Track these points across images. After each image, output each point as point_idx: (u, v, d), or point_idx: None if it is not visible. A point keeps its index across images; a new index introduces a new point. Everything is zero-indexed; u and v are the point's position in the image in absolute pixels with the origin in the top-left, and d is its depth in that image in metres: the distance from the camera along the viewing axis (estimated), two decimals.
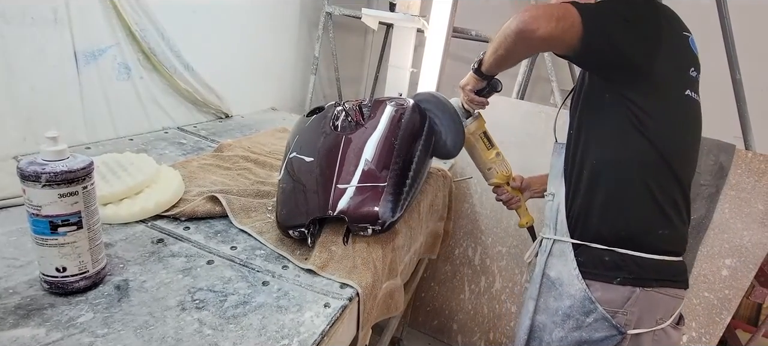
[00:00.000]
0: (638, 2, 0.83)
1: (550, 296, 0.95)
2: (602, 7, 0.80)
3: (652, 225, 0.85)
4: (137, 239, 0.80)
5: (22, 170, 0.56)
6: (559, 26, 0.75)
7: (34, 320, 0.58)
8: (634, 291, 0.84)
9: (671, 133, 0.84)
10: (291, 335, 0.63)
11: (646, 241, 0.85)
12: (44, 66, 1.02)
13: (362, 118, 1.08)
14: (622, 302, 0.85)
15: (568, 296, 0.90)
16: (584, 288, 0.87)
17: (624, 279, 0.84)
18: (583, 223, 0.90)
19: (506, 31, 0.81)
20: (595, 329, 0.86)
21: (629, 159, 0.84)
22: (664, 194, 0.85)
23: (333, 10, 2.03)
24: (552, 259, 0.95)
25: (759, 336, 1.93)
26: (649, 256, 0.85)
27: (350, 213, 0.85)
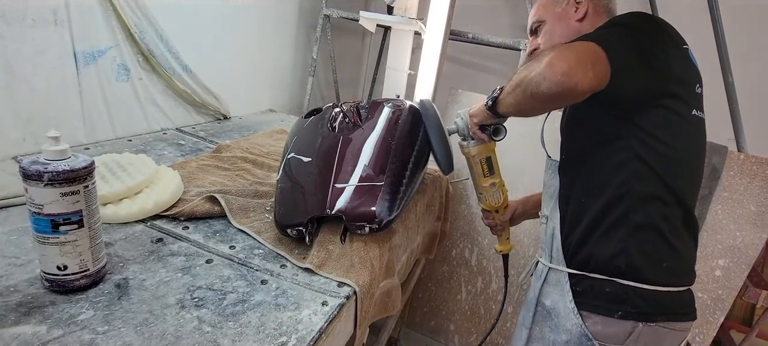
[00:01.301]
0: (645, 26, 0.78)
1: (545, 326, 0.89)
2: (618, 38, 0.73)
3: (657, 257, 0.78)
4: (137, 238, 0.81)
5: (25, 169, 0.57)
6: (597, 74, 0.66)
7: (35, 317, 0.58)
8: (637, 326, 0.77)
9: (677, 161, 0.79)
10: (289, 333, 0.64)
11: (650, 273, 0.78)
12: (44, 67, 1.02)
13: (360, 119, 1.09)
14: (624, 338, 0.78)
15: (564, 331, 0.83)
16: (581, 324, 0.81)
17: (626, 313, 0.77)
18: (580, 252, 0.83)
19: (532, 88, 0.69)
20: None
21: (632, 189, 0.77)
22: (670, 224, 0.78)
23: (331, 13, 2.04)
24: (547, 287, 0.89)
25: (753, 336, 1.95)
26: (653, 288, 0.77)
27: (348, 212, 0.86)
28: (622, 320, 0.77)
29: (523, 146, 1.77)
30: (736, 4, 1.76)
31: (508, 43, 1.90)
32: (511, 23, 2.32)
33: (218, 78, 1.56)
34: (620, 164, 0.78)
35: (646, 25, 0.78)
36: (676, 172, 0.78)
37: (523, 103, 0.76)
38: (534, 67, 0.70)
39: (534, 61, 0.72)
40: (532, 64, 0.71)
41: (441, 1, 1.72)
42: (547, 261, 0.90)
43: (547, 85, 0.66)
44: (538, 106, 0.75)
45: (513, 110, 0.82)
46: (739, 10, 1.77)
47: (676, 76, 0.75)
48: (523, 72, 0.74)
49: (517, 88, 0.75)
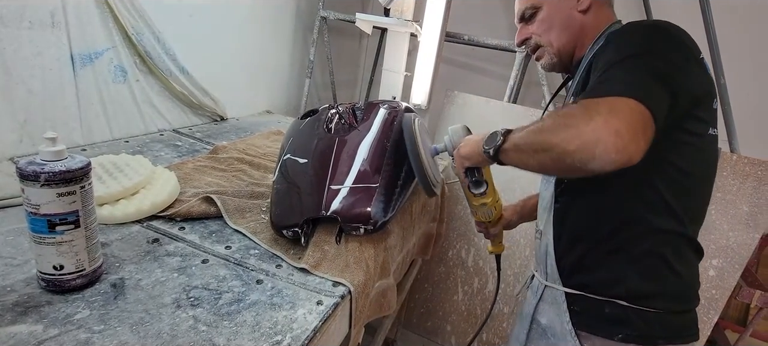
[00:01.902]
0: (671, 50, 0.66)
1: (541, 343, 0.86)
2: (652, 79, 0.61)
3: (660, 283, 0.73)
4: (133, 238, 0.81)
5: (22, 170, 0.57)
6: (648, 141, 0.56)
7: (31, 316, 0.59)
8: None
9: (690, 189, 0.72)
10: (284, 332, 0.65)
11: (653, 297, 0.73)
12: (41, 69, 1.03)
13: (355, 120, 1.10)
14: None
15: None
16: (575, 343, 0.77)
17: (627, 336, 0.73)
18: (576, 273, 0.79)
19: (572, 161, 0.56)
20: None
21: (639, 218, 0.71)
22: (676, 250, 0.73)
23: (328, 15, 2.06)
24: (543, 305, 0.85)
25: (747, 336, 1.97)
26: (656, 311, 0.72)
27: (343, 213, 0.87)
28: (622, 343, 0.73)
29: None
30: (729, 5, 1.78)
31: (504, 44, 1.91)
32: (507, 25, 2.34)
33: (215, 79, 1.57)
34: (629, 191, 0.71)
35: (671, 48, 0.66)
36: (687, 200, 0.72)
37: (548, 169, 0.66)
38: (571, 135, 0.56)
39: (563, 119, 0.58)
40: (563, 129, 0.57)
41: (437, 3, 1.73)
42: (543, 278, 0.86)
43: (598, 164, 0.54)
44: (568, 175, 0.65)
45: (523, 167, 0.69)
46: (731, 11, 1.79)
47: (697, 98, 0.67)
48: (549, 135, 0.59)
49: (542, 153, 0.61)
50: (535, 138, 0.63)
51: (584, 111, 0.57)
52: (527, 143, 0.65)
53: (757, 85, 1.87)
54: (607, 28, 0.80)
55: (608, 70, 0.63)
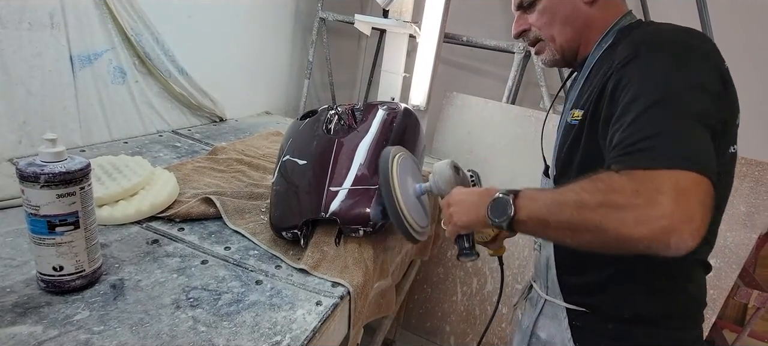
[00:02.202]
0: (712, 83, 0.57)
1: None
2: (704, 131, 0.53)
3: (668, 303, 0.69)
4: (132, 239, 0.81)
5: (22, 171, 0.57)
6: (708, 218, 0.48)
7: (31, 317, 0.59)
8: None
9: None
10: (283, 332, 0.65)
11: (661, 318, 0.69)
12: (40, 70, 1.03)
13: (355, 121, 1.10)
14: None
15: None
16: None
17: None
18: (581, 289, 0.74)
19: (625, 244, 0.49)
20: None
21: None
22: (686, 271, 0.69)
23: (327, 16, 2.06)
24: (544, 319, 0.81)
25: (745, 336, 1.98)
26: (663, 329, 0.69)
27: (342, 215, 0.87)
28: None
29: (517, 149, 1.79)
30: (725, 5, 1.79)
31: (503, 45, 1.92)
32: (506, 26, 2.35)
33: (214, 80, 1.57)
34: None
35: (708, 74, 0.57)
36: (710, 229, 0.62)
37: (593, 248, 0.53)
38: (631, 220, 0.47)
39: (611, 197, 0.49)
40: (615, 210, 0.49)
41: (435, 4, 1.74)
42: (543, 292, 0.82)
43: (671, 253, 0.47)
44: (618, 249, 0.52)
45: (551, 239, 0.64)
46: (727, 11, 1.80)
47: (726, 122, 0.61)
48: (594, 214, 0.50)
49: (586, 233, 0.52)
50: (572, 216, 0.52)
51: (640, 189, 0.48)
52: (558, 219, 0.54)
53: (754, 85, 1.87)
54: (616, 22, 0.72)
55: (649, 118, 0.53)
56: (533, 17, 0.76)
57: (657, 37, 0.62)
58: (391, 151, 0.85)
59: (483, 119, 1.87)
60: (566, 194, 0.54)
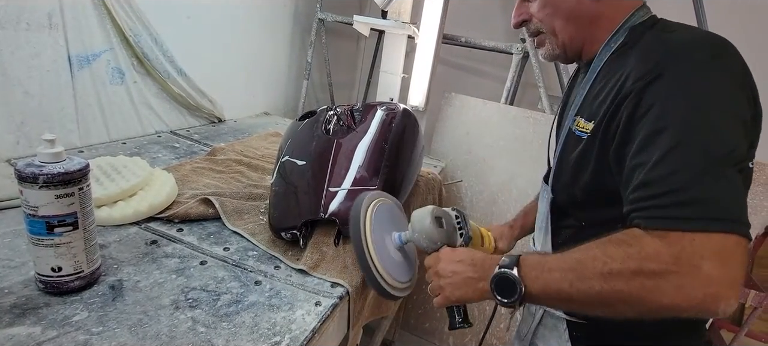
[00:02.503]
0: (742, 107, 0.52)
1: None
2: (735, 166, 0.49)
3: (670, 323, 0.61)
4: (131, 240, 0.81)
5: (20, 172, 0.57)
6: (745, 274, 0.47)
7: (29, 318, 0.59)
8: None
9: None
10: (283, 332, 0.65)
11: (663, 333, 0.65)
12: (38, 70, 1.03)
13: (354, 122, 1.10)
14: None
15: None
16: None
17: None
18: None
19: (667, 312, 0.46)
20: None
21: None
22: None
23: (325, 17, 2.06)
24: (543, 329, 0.78)
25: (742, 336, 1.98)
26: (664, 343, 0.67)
27: (341, 215, 0.87)
28: None
29: (515, 149, 1.80)
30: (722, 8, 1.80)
31: (501, 46, 1.93)
32: (505, 27, 2.35)
33: (213, 81, 1.57)
34: None
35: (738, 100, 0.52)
36: None
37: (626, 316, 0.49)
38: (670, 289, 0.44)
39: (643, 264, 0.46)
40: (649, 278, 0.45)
41: (434, 5, 1.74)
42: None
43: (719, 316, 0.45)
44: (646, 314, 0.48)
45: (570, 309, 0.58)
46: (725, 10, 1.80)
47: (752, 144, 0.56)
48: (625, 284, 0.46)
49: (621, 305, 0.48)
50: (602, 287, 0.47)
51: (680, 255, 0.44)
52: (587, 294, 0.49)
53: None
54: (628, 18, 0.64)
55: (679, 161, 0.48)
56: (535, 7, 0.69)
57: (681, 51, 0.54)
58: (365, 200, 0.75)
59: (481, 120, 1.87)
60: (588, 262, 0.49)
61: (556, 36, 0.69)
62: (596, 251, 0.49)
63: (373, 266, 0.69)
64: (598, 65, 0.66)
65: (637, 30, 0.63)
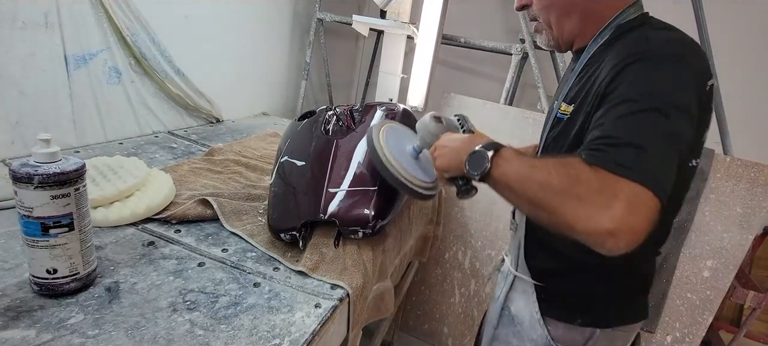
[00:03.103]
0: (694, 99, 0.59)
1: (510, 332, 0.88)
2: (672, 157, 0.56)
3: (622, 285, 0.78)
4: (128, 241, 0.80)
5: (15, 172, 0.56)
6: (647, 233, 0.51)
7: (24, 321, 0.58)
8: (595, 332, 0.79)
9: (666, 220, 0.75)
10: (282, 335, 0.64)
11: (613, 294, 0.78)
12: (34, 70, 1.02)
13: (353, 122, 1.09)
14: (583, 342, 0.80)
15: (529, 340, 0.84)
16: (546, 335, 0.81)
17: (585, 321, 0.79)
18: (547, 271, 0.82)
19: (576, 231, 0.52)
20: None
21: None
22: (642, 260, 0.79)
23: (324, 17, 2.05)
24: (514, 293, 0.88)
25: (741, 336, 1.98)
26: (614, 301, 0.79)
27: (341, 216, 0.86)
28: (581, 327, 0.79)
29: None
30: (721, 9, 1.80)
31: (500, 47, 1.92)
32: (504, 28, 2.35)
33: (211, 81, 1.56)
34: None
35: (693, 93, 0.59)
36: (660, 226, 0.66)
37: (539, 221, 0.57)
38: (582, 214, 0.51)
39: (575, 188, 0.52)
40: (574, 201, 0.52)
41: (433, 5, 1.74)
42: (514, 267, 0.88)
43: (603, 250, 0.51)
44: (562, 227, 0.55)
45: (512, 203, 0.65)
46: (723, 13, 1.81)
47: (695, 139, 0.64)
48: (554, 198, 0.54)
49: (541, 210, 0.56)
50: (536, 191, 0.56)
51: (603, 188, 0.51)
52: (523, 190, 0.58)
53: (751, 86, 1.89)
54: (617, 15, 0.70)
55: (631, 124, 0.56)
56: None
57: (655, 47, 0.62)
58: (375, 126, 0.88)
59: (481, 120, 1.86)
60: (537, 170, 0.57)
61: (551, 28, 0.76)
62: (547, 165, 0.57)
63: (401, 174, 0.81)
64: (585, 58, 0.72)
65: (624, 27, 0.69)
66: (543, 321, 0.81)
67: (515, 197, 0.60)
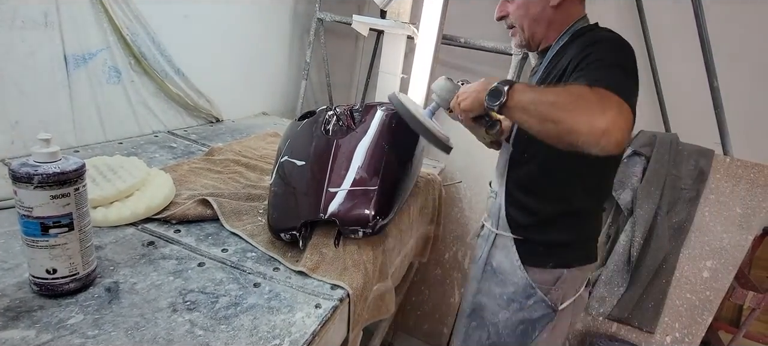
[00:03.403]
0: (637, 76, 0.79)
1: (492, 282, 1.07)
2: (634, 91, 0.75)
3: (583, 228, 1.01)
4: (127, 241, 0.80)
5: (15, 172, 0.56)
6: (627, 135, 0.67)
7: (23, 322, 0.57)
8: (562, 272, 0.99)
9: (606, 179, 1.01)
10: (282, 335, 0.64)
11: (574, 237, 1.00)
12: (34, 69, 1.01)
13: (353, 122, 1.09)
14: (554, 282, 1.00)
15: (511, 284, 1.02)
16: (526, 276, 1.00)
17: (555, 264, 0.99)
18: (522, 225, 1.01)
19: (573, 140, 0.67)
20: (535, 310, 1.01)
21: (573, 187, 0.95)
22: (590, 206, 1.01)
23: (324, 17, 2.05)
24: (495, 250, 1.06)
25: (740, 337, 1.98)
26: (573, 247, 1.01)
27: (341, 216, 0.86)
28: (552, 269, 1.00)
29: None
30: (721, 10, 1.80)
31: (500, 47, 1.92)
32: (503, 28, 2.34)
33: (211, 81, 1.55)
34: (565, 181, 0.94)
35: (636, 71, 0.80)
36: (604, 185, 1.00)
37: (549, 138, 0.71)
38: (584, 120, 0.66)
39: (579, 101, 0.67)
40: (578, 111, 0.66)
41: (433, 5, 1.74)
42: (494, 228, 1.07)
43: (595, 150, 0.65)
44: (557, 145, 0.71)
45: (522, 126, 0.76)
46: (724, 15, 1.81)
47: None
48: (562, 112, 0.68)
49: (551, 124, 0.69)
50: (547, 108, 0.70)
51: (599, 101, 0.66)
52: (537, 110, 0.72)
53: (750, 88, 1.89)
54: (573, 23, 0.93)
55: (610, 69, 0.75)
56: (512, 7, 0.98)
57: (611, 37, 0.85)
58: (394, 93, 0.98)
59: None
60: (548, 93, 0.72)
61: (524, 31, 0.98)
62: (555, 89, 0.72)
63: (431, 127, 0.93)
64: (551, 54, 0.95)
65: (580, 31, 0.91)
66: (523, 267, 1.00)
67: (528, 117, 0.73)
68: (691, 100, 1.90)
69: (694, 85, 1.85)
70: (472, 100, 0.86)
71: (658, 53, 1.91)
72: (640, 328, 1.70)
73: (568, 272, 1.00)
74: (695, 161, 1.63)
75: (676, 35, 1.89)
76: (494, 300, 1.06)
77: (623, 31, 0.86)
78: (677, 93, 1.96)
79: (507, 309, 1.03)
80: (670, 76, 1.94)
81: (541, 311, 1.00)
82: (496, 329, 1.06)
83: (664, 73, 1.94)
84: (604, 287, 1.66)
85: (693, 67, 1.80)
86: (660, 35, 1.90)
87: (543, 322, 1.01)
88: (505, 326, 1.04)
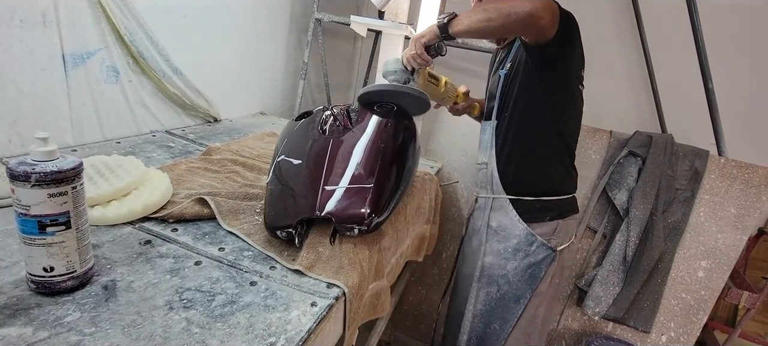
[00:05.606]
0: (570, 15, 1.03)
1: (494, 241, 1.26)
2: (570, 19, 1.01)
3: (563, 181, 1.23)
4: (124, 240, 0.80)
5: (12, 170, 0.57)
6: (554, 21, 0.95)
7: (20, 319, 0.58)
8: (558, 223, 1.20)
9: (573, 123, 1.21)
10: (278, 333, 0.65)
11: (560, 190, 1.22)
12: (32, 68, 1.02)
13: (350, 122, 1.10)
14: (552, 232, 1.20)
15: (513, 236, 1.22)
16: (525, 227, 1.20)
17: (551, 216, 1.20)
18: (516, 184, 1.22)
19: (511, 10, 0.93)
20: (538, 253, 1.20)
21: (548, 141, 1.17)
22: (568, 161, 1.23)
23: (322, 17, 2.06)
24: (493, 213, 1.26)
25: (735, 336, 2.00)
26: (563, 198, 1.23)
27: (337, 214, 0.87)
28: (550, 221, 1.20)
29: None
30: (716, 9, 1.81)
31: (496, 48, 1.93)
32: None
33: (208, 81, 1.56)
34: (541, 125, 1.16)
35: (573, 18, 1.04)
36: (573, 132, 1.22)
37: (494, 20, 0.97)
38: (519, 7, 0.93)
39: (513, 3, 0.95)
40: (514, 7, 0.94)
41: (431, 6, 1.74)
42: (489, 194, 1.27)
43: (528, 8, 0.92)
44: (508, 26, 0.96)
45: (476, 26, 1.01)
46: (718, 16, 1.82)
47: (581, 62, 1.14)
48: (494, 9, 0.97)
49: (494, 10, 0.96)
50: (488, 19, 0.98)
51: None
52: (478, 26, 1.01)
53: (745, 88, 1.90)
54: None
55: None
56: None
57: None
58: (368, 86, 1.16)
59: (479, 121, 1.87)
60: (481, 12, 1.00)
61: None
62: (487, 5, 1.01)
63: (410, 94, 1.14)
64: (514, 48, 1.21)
65: None
66: (522, 220, 1.19)
67: (476, 31, 1.03)
68: (687, 101, 1.91)
69: (689, 87, 1.86)
70: (427, 29, 1.10)
71: (654, 55, 1.92)
72: (635, 328, 1.71)
73: (563, 222, 1.21)
74: (690, 162, 1.65)
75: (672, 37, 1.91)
76: (499, 256, 1.24)
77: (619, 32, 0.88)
78: (673, 94, 1.97)
79: (514, 259, 1.22)
80: (665, 77, 1.96)
81: (544, 253, 1.20)
82: (507, 279, 1.24)
83: (660, 74, 1.95)
84: (599, 287, 1.67)
85: (688, 69, 1.81)
86: (656, 37, 1.92)
87: (547, 261, 1.20)
88: (514, 274, 1.23)
